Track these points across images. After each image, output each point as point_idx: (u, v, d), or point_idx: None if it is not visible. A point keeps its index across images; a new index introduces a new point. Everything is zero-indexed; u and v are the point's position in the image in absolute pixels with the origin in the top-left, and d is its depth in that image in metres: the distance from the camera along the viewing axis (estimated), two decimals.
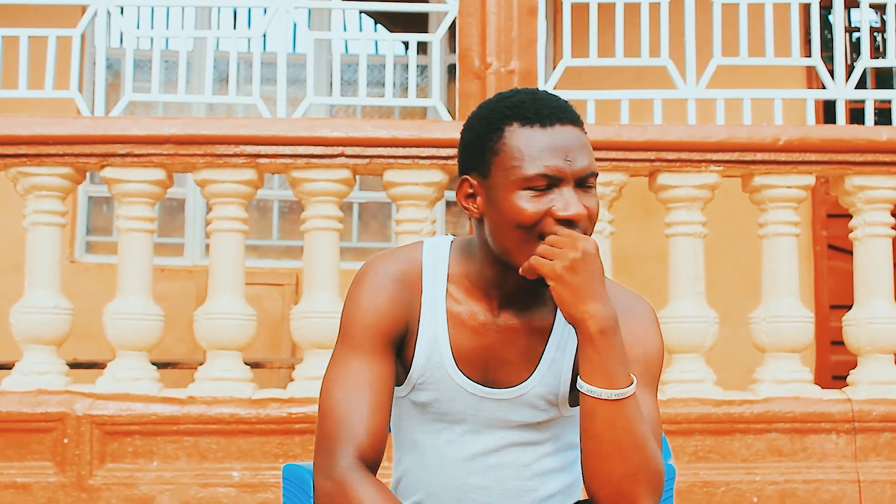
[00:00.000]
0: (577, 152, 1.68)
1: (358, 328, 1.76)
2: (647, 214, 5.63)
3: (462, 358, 1.79)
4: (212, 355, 3.88)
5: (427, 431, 1.85)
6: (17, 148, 3.83)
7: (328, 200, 3.93)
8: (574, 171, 1.67)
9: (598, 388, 1.61)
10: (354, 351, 1.75)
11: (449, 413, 1.81)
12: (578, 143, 1.69)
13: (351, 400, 1.71)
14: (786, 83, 5.83)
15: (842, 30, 4.31)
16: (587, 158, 1.69)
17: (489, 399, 1.80)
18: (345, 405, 1.71)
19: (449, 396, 1.80)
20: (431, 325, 1.79)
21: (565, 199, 1.66)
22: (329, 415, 1.72)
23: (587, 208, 1.68)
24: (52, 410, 3.72)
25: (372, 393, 1.72)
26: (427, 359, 1.79)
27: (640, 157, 3.92)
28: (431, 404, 1.82)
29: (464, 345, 1.79)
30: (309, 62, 4.18)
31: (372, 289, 1.78)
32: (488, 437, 1.82)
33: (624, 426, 1.61)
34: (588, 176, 1.69)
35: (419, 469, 1.87)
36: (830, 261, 6.48)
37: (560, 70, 4.15)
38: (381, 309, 1.77)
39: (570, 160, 1.67)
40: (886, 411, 3.85)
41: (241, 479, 3.71)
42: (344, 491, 1.63)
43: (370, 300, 1.77)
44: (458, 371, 1.79)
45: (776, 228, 3.98)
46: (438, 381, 1.79)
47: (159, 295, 4.09)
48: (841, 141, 3.95)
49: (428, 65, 6.89)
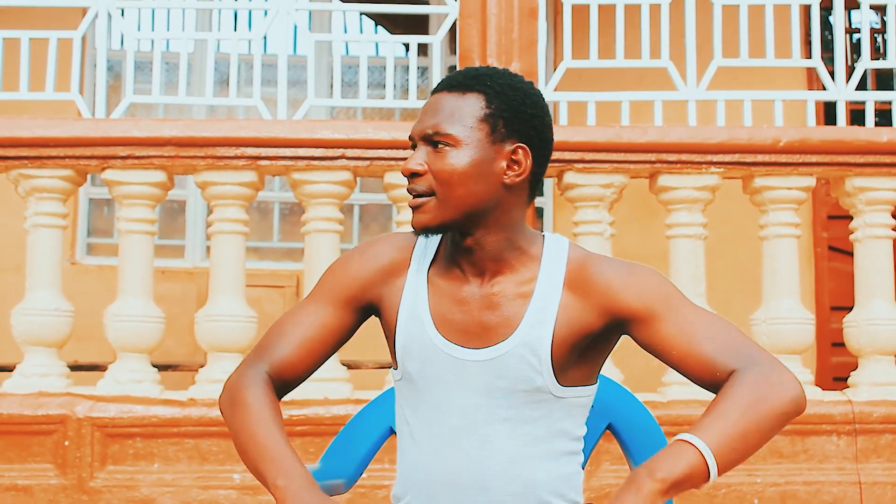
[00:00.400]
0: (429, 114, 1.80)
1: (329, 279, 1.95)
2: (647, 216, 5.63)
3: (443, 324, 1.85)
4: (213, 357, 3.88)
5: (418, 410, 1.88)
6: (18, 150, 3.83)
7: (329, 202, 3.93)
8: (417, 130, 1.81)
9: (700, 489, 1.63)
10: (317, 296, 1.94)
11: (435, 383, 1.84)
12: (436, 107, 1.80)
13: (287, 329, 1.91)
14: (786, 84, 5.83)
15: (842, 31, 4.32)
16: (435, 118, 1.79)
17: (471, 362, 1.82)
18: (280, 330, 1.91)
19: (433, 363, 1.84)
20: (413, 293, 1.88)
21: (410, 157, 1.82)
22: (265, 336, 1.93)
23: (429, 167, 1.78)
24: (52, 412, 3.73)
25: (309, 330, 1.90)
26: (408, 325, 1.86)
27: (640, 159, 3.92)
28: (418, 376, 1.86)
29: (444, 311, 1.85)
30: (309, 64, 4.18)
31: (354, 255, 1.95)
32: (476, 409, 1.82)
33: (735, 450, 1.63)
34: (432, 135, 1.78)
35: (413, 451, 1.89)
36: (831, 262, 6.48)
37: (560, 71, 4.16)
38: (354, 272, 1.92)
39: (419, 122, 1.82)
40: (887, 413, 3.85)
41: (243, 482, 3.71)
42: (238, 387, 1.84)
43: (348, 262, 1.95)
44: (438, 335, 1.84)
45: (777, 230, 3.98)
46: (422, 348, 1.85)
47: (160, 297, 4.09)
48: (841, 142, 3.95)
49: (429, 66, 6.89)
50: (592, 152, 3.90)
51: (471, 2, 4.06)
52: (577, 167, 3.90)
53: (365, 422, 2.24)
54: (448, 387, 1.84)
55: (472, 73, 1.82)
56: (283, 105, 4.12)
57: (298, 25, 4.29)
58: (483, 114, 1.78)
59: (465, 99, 1.79)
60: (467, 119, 1.78)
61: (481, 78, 1.80)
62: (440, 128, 1.77)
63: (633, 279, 1.81)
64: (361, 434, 2.23)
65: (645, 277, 1.81)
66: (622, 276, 1.81)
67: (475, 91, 1.79)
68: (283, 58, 4.17)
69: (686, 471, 1.57)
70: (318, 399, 3.74)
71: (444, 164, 1.77)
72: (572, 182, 3.93)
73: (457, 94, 1.79)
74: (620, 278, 1.80)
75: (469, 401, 1.83)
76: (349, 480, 2.20)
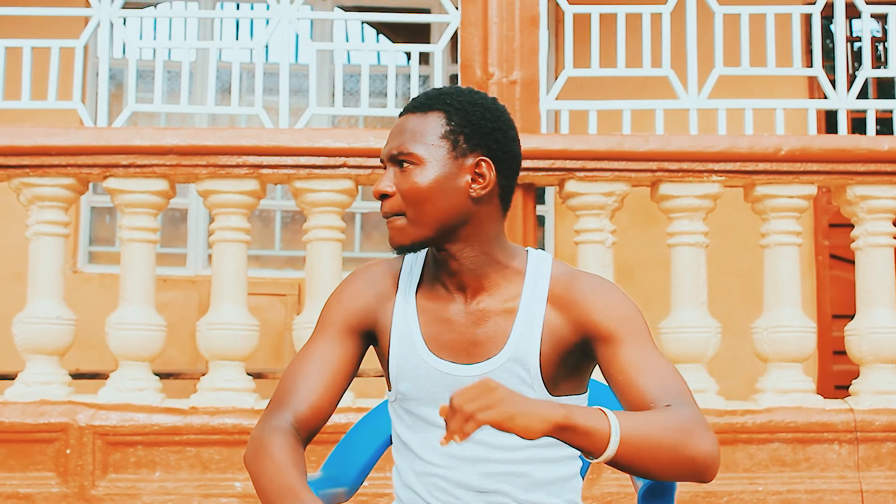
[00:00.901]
0: (394, 135, 1.85)
1: (327, 315, 1.96)
2: (649, 224, 5.64)
3: (434, 343, 1.87)
4: (214, 365, 3.88)
5: (412, 428, 1.91)
6: (20, 158, 3.84)
7: (330, 211, 3.94)
8: (385, 151, 1.85)
9: (593, 459, 1.62)
10: (317, 335, 1.95)
11: (430, 399, 1.86)
12: (401, 128, 1.84)
13: (302, 372, 1.90)
14: (787, 93, 5.84)
15: (843, 40, 4.31)
16: (399, 139, 1.82)
17: (463, 377, 1.83)
18: (295, 376, 1.90)
19: (426, 382, 1.87)
20: (403, 317, 1.90)
21: (379, 178, 1.86)
22: (281, 383, 1.92)
23: (397, 187, 1.81)
24: (54, 421, 3.73)
25: (324, 369, 1.90)
26: (400, 346, 1.89)
27: (642, 168, 3.93)
28: (412, 395, 1.89)
29: (434, 331, 1.88)
30: (311, 73, 4.19)
31: (346, 287, 1.98)
32: None
33: (639, 444, 1.61)
34: (396, 155, 1.82)
35: (410, 464, 1.91)
36: (832, 270, 6.48)
37: (562, 80, 4.16)
38: (349, 302, 1.95)
39: (386, 144, 1.85)
40: (889, 421, 3.85)
41: (244, 490, 3.71)
42: (262, 443, 1.82)
43: (341, 295, 1.97)
44: (430, 353, 1.87)
45: (778, 238, 3.98)
46: (415, 368, 1.88)
47: (161, 305, 4.10)
48: (842, 151, 3.95)
49: (430, 75, 6.90)
50: (594, 161, 3.90)
51: (472, 11, 4.07)
52: (579, 176, 3.90)
53: (366, 430, 2.25)
54: (442, 402, 1.84)
55: (434, 94, 1.86)
56: (285, 113, 4.13)
57: (300, 34, 4.30)
58: (444, 130, 1.81)
59: (427, 118, 1.82)
60: (429, 137, 1.81)
61: (442, 97, 1.84)
62: (403, 147, 1.81)
63: (607, 301, 1.83)
64: (363, 442, 2.24)
65: (619, 303, 1.84)
66: (598, 296, 1.84)
67: (435, 110, 1.83)
68: (285, 66, 4.17)
69: (589, 428, 1.57)
70: None
71: (409, 183, 1.80)
72: (574, 190, 3.93)
73: (419, 115, 1.83)
74: (596, 298, 1.83)
75: None
76: (350, 489, 2.20)
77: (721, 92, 4.46)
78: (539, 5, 4.08)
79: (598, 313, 1.81)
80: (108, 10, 4.12)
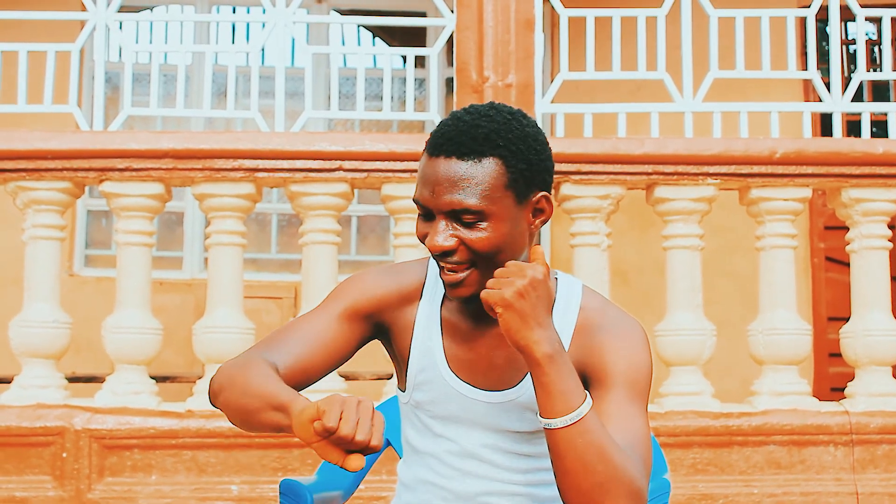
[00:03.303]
0: (445, 186, 1.70)
1: (340, 294, 1.90)
2: (644, 227, 5.64)
3: (454, 361, 1.85)
4: (210, 369, 3.88)
5: (423, 435, 1.90)
6: (16, 162, 3.84)
7: (326, 214, 3.94)
8: (437, 204, 1.71)
9: (553, 420, 1.62)
10: (327, 308, 1.88)
11: (444, 414, 1.86)
12: (450, 176, 1.70)
13: (296, 331, 1.84)
14: (782, 96, 5.85)
15: (838, 42, 4.32)
16: (456, 194, 1.69)
17: (480, 402, 1.83)
18: (288, 332, 1.85)
19: (443, 398, 1.85)
20: (427, 327, 1.87)
21: (434, 231, 1.73)
22: (273, 333, 1.87)
23: (463, 241, 1.71)
24: (50, 424, 3.73)
25: (318, 337, 1.84)
26: (421, 360, 1.86)
27: (637, 171, 3.93)
28: (428, 405, 1.87)
29: (456, 349, 1.85)
30: (307, 76, 4.20)
31: (367, 275, 1.92)
32: (482, 437, 1.85)
33: (585, 441, 1.62)
34: (459, 211, 1.70)
35: (415, 471, 1.91)
36: (828, 273, 6.49)
37: (557, 83, 4.17)
38: (364, 286, 1.89)
39: (434, 193, 1.71)
40: (884, 423, 3.86)
41: (240, 493, 3.71)
42: (238, 362, 1.77)
43: (360, 281, 1.91)
44: (450, 372, 1.85)
45: (773, 241, 3.99)
46: (433, 381, 1.86)
47: (158, 308, 4.10)
48: (837, 154, 3.96)
49: (426, 78, 6.90)
50: (589, 164, 3.91)
51: (468, 14, 4.08)
52: (574, 179, 3.91)
53: None
54: (457, 420, 1.86)
55: (481, 136, 1.71)
56: (281, 117, 4.13)
57: (296, 38, 4.30)
58: (506, 180, 1.71)
59: (482, 166, 1.70)
60: (492, 189, 1.70)
61: (492, 139, 1.71)
62: (466, 204, 1.69)
63: (622, 346, 1.79)
64: None
65: (632, 351, 1.79)
66: (617, 340, 1.79)
67: (490, 156, 1.71)
68: (281, 70, 4.18)
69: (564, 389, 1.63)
70: None
71: (480, 238, 1.71)
72: (569, 194, 3.94)
73: (472, 162, 1.70)
74: (615, 341, 1.79)
75: (475, 433, 1.85)
76: (346, 492, 2.20)
77: (716, 95, 4.47)
78: (534, 9, 4.09)
79: (608, 354, 1.77)
80: (104, 14, 4.13)
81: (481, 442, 1.84)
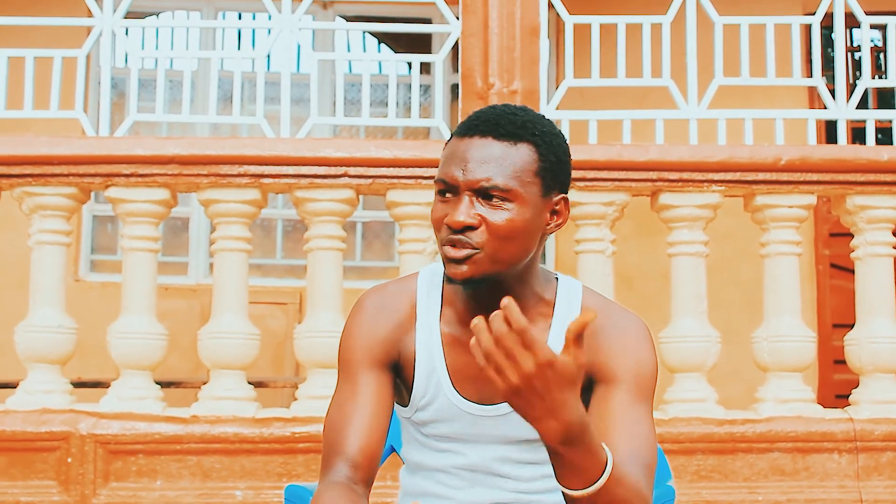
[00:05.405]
0: (478, 163, 1.69)
1: (350, 354, 1.83)
2: (649, 234, 5.64)
3: (458, 377, 1.82)
4: (215, 374, 3.89)
5: (428, 452, 1.88)
6: (22, 168, 3.85)
7: (331, 220, 3.95)
8: (467, 180, 1.68)
9: (571, 490, 1.53)
10: (348, 376, 1.82)
11: (449, 432, 1.84)
12: (484, 154, 1.69)
13: (344, 418, 1.78)
14: (787, 103, 5.84)
15: (843, 49, 4.33)
16: (489, 171, 1.68)
17: (486, 417, 1.82)
18: (338, 423, 1.78)
19: (448, 416, 1.83)
20: (427, 349, 1.83)
21: (456, 208, 1.69)
22: (325, 433, 1.80)
23: (484, 220, 1.68)
24: (56, 429, 3.73)
25: (364, 411, 1.77)
26: (426, 380, 1.83)
27: (642, 177, 3.94)
28: (432, 423, 1.85)
29: (459, 364, 1.82)
30: (313, 82, 4.20)
31: (362, 319, 1.85)
32: (487, 451, 1.84)
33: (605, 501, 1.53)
34: (488, 188, 1.68)
35: (419, 483, 1.91)
36: (833, 280, 6.49)
37: (562, 90, 4.17)
38: (369, 335, 1.83)
39: (465, 169, 1.69)
40: (889, 430, 3.85)
41: (245, 499, 3.72)
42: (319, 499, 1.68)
43: (359, 329, 1.84)
44: (454, 391, 1.82)
45: (778, 248, 3.99)
46: (437, 400, 1.83)
47: (163, 313, 4.11)
48: (842, 161, 3.96)
49: (431, 85, 6.91)
50: (594, 170, 3.91)
51: (473, 21, 4.09)
52: (579, 185, 3.91)
53: None
54: (462, 437, 1.85)
55: (519, 121, 1.72)
56: (286, 123, 4.14)
57: (301, 44, 4.31)
58: (537, 167, 1.70)
59: (518, 149, 1.70)
60: (523, 173, 1.69)
61: (528, 126, 1.71)
62: (498, 181, 1.68)
63: (629, 345, 1.77)
64: None
65: (638, 350, 1.77)
66: (621, 339, 1.77)
67: (526, 141, 1.71)
68: (287, 76, 4.18)
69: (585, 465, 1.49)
70: (320, 416, 3.74)
71: (503, 220, 1.68)
72: (574, 200, 3.94)
73: (507, 143, 1.70)
74: (619, 340, 1.77)
75: (482, 447, 1.84)
76: None
77: (721, 102, 4.47)
78: (539, 15, 4.09)
79: (613, 354, 1.75)
80: (110, 20, 4.14)
81: (489, 455, 1.83)
